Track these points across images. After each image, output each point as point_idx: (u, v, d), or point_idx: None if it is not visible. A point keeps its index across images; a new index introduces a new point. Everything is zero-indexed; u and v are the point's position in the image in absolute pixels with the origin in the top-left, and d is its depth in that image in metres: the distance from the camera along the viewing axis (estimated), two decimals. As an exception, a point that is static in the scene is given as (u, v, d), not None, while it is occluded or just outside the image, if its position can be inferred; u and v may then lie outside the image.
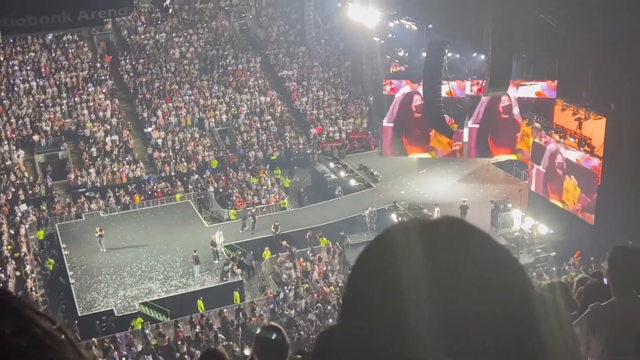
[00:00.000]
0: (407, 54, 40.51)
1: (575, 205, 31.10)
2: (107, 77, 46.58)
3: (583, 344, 4.50)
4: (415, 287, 0.93)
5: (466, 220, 1.02)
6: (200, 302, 28.89)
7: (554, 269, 29.36)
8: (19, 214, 35.81)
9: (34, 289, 29.97)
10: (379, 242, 1.02)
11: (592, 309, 4.63)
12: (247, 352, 22.30)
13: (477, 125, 37.28)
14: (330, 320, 26.43)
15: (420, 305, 0.92)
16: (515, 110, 36.37)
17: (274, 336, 4.27)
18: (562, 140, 31.03)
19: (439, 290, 0.92)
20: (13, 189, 37.67)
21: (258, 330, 4.57)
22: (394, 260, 0.97)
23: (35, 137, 41.46)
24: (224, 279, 30.38)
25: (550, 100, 33.20)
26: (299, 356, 4.59)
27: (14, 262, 31.97)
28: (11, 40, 46.44)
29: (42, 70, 45.81)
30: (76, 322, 27.64)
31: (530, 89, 35.10)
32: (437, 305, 0.91)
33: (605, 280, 8.44)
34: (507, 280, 0.96)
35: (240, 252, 32.60)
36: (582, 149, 29.76)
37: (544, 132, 32.53)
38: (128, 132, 42.89)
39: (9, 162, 39.45)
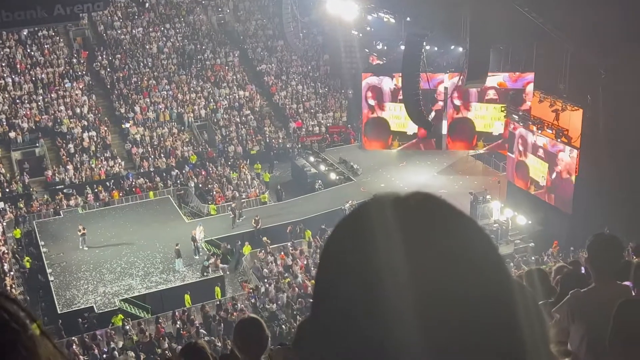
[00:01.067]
0: (385, 47, 40.56)
1: (545, 182, 31.78)
2: (84, 72, 46.13)
3: (562, 329, 4.55)
4: (388, 265, 0.91)
5: (438, 195, 1.00)
6: (187, 297, 28.82)
7: (532, 259, 29.66)
8: (-4, 212, 35.44)
9: (13, 287, 29.65)
10: (351, 218, 0.99)
11: (572, 295, 4.69)
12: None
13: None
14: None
15: (394, 285, 0.90)
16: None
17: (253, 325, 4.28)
18: (539, 131, 31.31)
19: (412, 268, 0.90)
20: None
21: (237, 322, 4.58)
22: (366, 237, 0.95)
23: (12, 134, 40.98)
24: (205, 274, 30.30)
25: (519, 91, 33.95)
26: (279, 346, 4.59)
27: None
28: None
29: (18, 66, 45.23)
30: (60, 321, 27.43)
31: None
32: (411, 284, 0.89)
33: (582, 269, 8.55)
34: (481, 255, 0.95)
35: (225, 244, 32.51)
36: (559, 140, 30.04)
37: (517, 122, 33.01)
38: (106, 128, 42.54)
39: (-15, 160, 38.99)
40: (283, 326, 26.15)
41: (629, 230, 19.39)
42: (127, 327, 26.85)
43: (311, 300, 1.05)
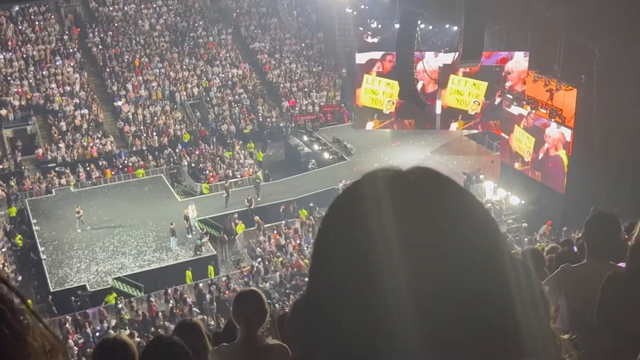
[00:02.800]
0: (379, 26, 40.31)
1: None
2: (75, 50, 45.76)
3: (552, 304, 4.53)
4: (385, 241, 0.88)
5: (437, 170, 0.98)
6: (189, 273, 28.91)
7: (525, 239, 29.78)
8: (-12, 190, 35.29)
9: (5, 264, 29.62)
10: (348, 194, 0.97)
11: (561, 269, 4.68)
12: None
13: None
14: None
15: (389, 261, 0.88)
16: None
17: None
18: (533, 111, 31.32)
19: (409, 242, 0.88)
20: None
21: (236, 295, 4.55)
22: (363, 213, 0.92)
23: (3, 112, 40.70)
24: (198, 252, 30.31)
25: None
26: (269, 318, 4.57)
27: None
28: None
29: (9, 43, 44.83)
30: (50, 297, 27.49)
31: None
32: (408, 259, 0.87)
33: (575, 249, 8.55)
34: (480, 231, 0.92)
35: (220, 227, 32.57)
36: (553, 119, 30.06)
37: (511, 101, 33.17)
38: (97, 106, 42.28)
39: (-24, 137, 38.76)
40: (277, 305, 26.23)
41: (622, 210, 19.45)
42: (120, 306, 26.90)
43: (307, 278, 1.01)
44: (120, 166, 38.41)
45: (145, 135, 41.03)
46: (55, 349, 1.02)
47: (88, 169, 37.76)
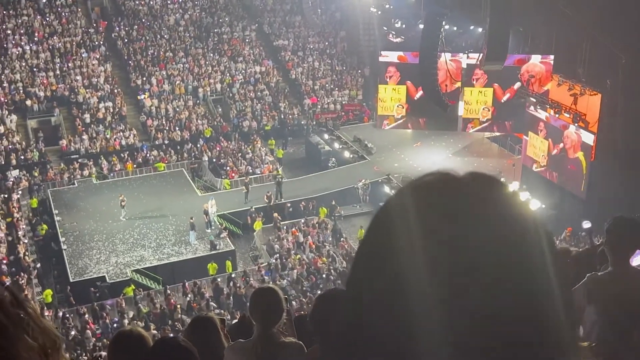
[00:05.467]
0: (404, 26, 40.20)
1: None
2: (101, 42, 46.12)
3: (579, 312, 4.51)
4: (435, 243, 0.91)
5: (492, 176, 1.01)
6: (213, 265, 29.15)
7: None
8: (11, 179, 35.67)
9: (26, 254, 29.96)
10: (397, 199, 1.00)
11: (589, 278, 4.63)
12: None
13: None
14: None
15: (434, 261, 0.90)
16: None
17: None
18: (556, 115, 31.10)
19: (452, 246, 0.90)
20: (4, 154, 37.50)
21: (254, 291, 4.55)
22: (407, 221, 0.94)
23: (28, 102, 41.14)
24: (217, 247, 30.45)
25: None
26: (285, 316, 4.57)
27: (4, 227, 31.92)
28: (4, 4, 45.91)
29: (35, 34, 45.30)
30: (69, 287, 27.79)
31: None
32: (445, 269, 0.89)
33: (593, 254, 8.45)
34: (525, 236, 0.93)
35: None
36: (576, 124, 29.81)
37: (535, 105, 33.12)
38: (121, 99, 42.61)
39: (1, 127, 39.19)
40: (294, 302, 26.27)
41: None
42: (138, 298, 27.11)
43: (348, 274, 1.03)
44: (142, 160, 38.66)
45: (167, 129, 41.27)
46: (57, 346, 1.03)
47: (110, 161, 38.05)
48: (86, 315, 26.05)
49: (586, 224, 23.22)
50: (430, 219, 0.92)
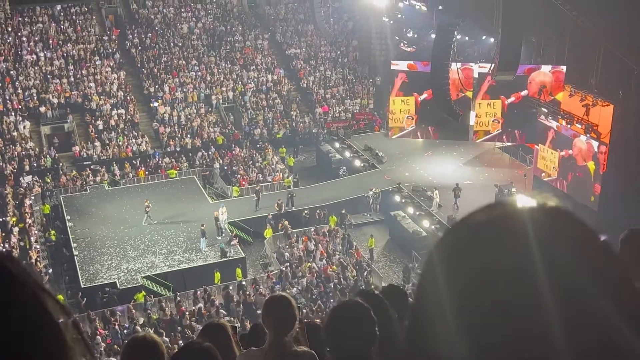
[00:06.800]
0: (416, 35, 40.28)
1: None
2: (115, 50, 46.46)
3: None
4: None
5: (568, 212, 1.00)
6: (217, 274, 29.19)
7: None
8: (24, 185, 35.93)
9: (38, 259, 30.14)
10: (452, 236, 1.02)
11: None
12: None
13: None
14: (332, 301, 26.54)
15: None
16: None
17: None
18: (568, 125, 31.06)
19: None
20: (18, 160, 37.80)
21: (266, 299, 4.57)
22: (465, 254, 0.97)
23: (42, 109, 41.48)
24: (228, 255, 30.52)
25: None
26: (298, 325, 4.58)
27: (17, 232, 32.13)
28: (19, 11, 46.37)
29: (50, 41, 45.70)
30: (80, 293, 27.90)
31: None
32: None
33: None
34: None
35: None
36: (588, 135, 29.73)
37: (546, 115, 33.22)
38: (134, 106, 42.87)
39: (15, 133, 39.52)
40: (304, 310, 26.28)
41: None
42: (149, 304, 27.19)
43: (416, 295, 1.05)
44: (153, 167, 38.85)
45: (179, 136, 41.47)
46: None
47: (123, 168, 38.26)
48: (97, 321, 26.15)
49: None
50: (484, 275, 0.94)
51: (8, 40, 44.89)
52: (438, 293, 0.97)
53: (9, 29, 45.58)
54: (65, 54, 45.15)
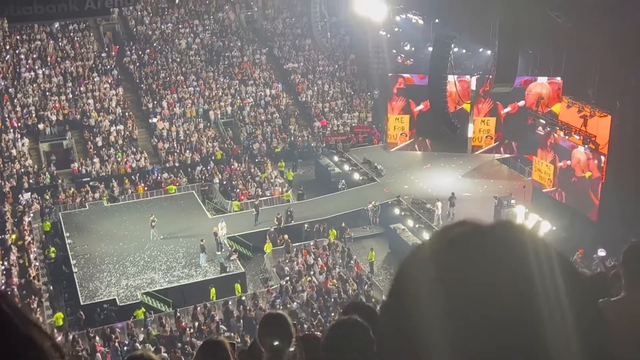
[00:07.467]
0: (413, 49, 40.43)
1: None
2: (113, 67, 46.59)
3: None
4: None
5: (523, 229, 1.05)
6: (213, 290, 29.04)
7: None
8: (23, 202, 35.91)
9: (36, 277, 30.06)
10: (419, 254, 1.09)
11: (602, 304, 4.57)
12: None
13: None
14: (333, 315, 26.46)
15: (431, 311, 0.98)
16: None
17: (275, 343, 4.26)
18: (566, 137, 31.10)
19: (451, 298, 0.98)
20: (17, 177, 37.80)
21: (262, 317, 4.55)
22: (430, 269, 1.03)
23: (41, 126, 41.54)
24: (228, 270, 30.44)
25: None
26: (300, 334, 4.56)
27: (16, 250, 32.06)
28: (18, 29, 46.53)
29: (48, 59, 45.85)
30: (80, 311, 27.80)
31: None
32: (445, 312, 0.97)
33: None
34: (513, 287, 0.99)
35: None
36: (586, 146, 29.77)
37: (544, 126, 33.31)
38: (132, 122, 42.93)
39: (13, 151, 39.53)
40: (305, 324, 26.18)
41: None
42: (149, 320, 27.09)
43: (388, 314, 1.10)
44: (152, 182, 38.84)
45: (178, 151, 41.51)
46: None
47: (122, 184, 38.26)
48: (96, 338, 26.04)
49: (601, 252, 22.89)
50: (452, 282, 0.99)
51: (6, 58, 45.03)
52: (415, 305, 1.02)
53: (7, 47, 45.73)
54: (63, 71, 45.27)
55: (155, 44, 48.92)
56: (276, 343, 4.18)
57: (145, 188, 38.35)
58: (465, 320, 0.94)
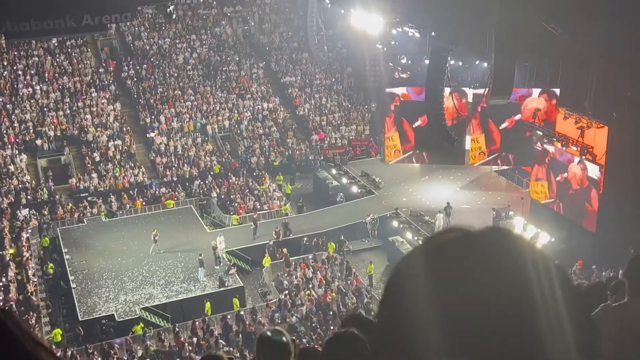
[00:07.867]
0: (409, 61, 40.53)
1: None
2: (111, 82, 46.68)
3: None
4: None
5: (511, 233, 1.09)
6: (208, 304, 28.94)
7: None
8: (21, 218, 35.84)
9: (34, 293, 29.96)
10: (411, 260, 1.15)
11: (603, 308, 4.58)
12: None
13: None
14: (332, 328, 26.37)
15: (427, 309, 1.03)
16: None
17: (280, 337, 4.25)
18: (564, 148, 31.16)
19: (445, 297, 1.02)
20: (14, 193, 37.74)
21: (262, 333, 4.54)
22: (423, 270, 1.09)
23: (38, 142, 41.54)
24: (227, 284, 30.36)
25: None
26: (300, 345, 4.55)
27: (14, 266, 31.97)
28: (15, 45, 46.60)
29: (46, 74, 45.92)
30: (78, 327, 27.68)
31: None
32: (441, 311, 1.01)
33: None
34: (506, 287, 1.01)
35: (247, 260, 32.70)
36: (583, 157, 29.83)
37: (541, 138, 33.34)
38: (130, 137, 42.95)
39: (11, 167, 39.51)
40: (304, 338, 26.09)
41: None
42: (147, 335, 26.98)
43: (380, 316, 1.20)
44: (150, 197, 38.81)
45: (176, 166, 41.51)
46: None
47: (120, 199, 38.22)
48: (94, 354, 25.92)
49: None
50: (443, 283, 1.03)
51: (4, 74, 45.08)
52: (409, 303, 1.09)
53: (5, 63, 45.79)
54: (61, 87, 45.35)
55: (152, 59, 49.04)
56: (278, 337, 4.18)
57: (144, 203, 38.32)
58: (457, 320, 0.98)
